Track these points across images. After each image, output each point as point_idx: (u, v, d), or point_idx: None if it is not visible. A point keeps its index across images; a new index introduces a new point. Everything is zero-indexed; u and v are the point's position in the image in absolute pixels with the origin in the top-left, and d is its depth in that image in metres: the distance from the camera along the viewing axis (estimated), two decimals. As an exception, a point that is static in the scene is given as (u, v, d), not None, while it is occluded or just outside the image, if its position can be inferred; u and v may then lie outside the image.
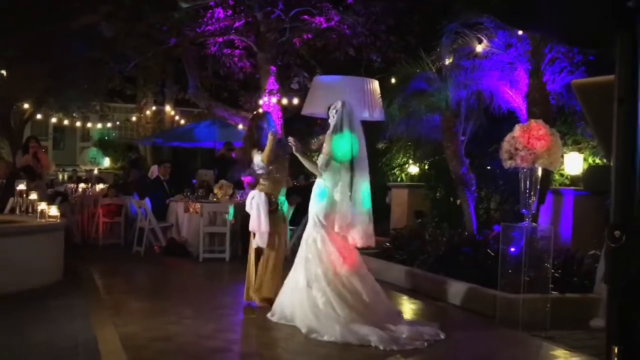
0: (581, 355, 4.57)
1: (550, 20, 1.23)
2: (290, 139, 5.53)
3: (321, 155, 5.34)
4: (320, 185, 5.35)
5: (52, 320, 5.20)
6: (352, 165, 5.29)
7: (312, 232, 5.27)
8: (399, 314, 5.42)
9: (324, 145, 5.34)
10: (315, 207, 5.31)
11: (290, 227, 8.32)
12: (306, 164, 5.56)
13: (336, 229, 5.20)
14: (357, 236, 5.26)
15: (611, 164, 1.10)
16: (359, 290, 5.08)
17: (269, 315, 5.30)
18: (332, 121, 5.39)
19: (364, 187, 5.34)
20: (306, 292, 5.08)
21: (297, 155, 5.55)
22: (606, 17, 1.07)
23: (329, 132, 5.39)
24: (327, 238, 5.20)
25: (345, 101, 5.49)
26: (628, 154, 1.01)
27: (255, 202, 5.83)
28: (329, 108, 5.49)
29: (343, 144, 5.29)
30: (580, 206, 7.38)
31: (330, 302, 4.96)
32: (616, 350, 0.99)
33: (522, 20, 1.26)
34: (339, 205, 5.23)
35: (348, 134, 5.32)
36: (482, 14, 7.10)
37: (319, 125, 12.04)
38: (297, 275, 5.23)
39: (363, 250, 8.24)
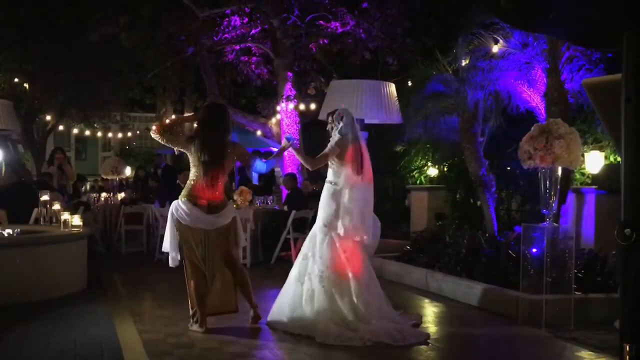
0: (606, 356, 4.52)
1: (557, 20, 1.23)
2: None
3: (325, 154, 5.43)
4: (330, 188, 5.43)
5: (77, 328, 5.27)
6: (358, 172, 5.38)
7: (320, 234, 5.35)
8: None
9: (330, 144, 5.43)
10: (324, 209, 5.39)
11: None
12: (300, 158, 5.65)
13: (341, 232, 5.28)
14: (364, 235, 5.38)
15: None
16: (353, 298, 5.10)
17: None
18: (334, 128, 5.46)
19: (368, 192, 5.46)
20: (294, 285, 5.26)
21: (292, 151, 5.63)
22: (612, 16, 1.08)
23: (334, 135, 5.46)
24: (335, 240, 5.27)
25: (346, 109, 5.58)
26: (637, 151, 1.02)
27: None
28: (328, 115, 5.60)
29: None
30: (602, 205, 7.29)
31: (312, 300, 5.10)
32: (628, 348, 0.99)
33: (530, 22, 1.26)
34: (345, 210, 5.31)
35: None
36: (489, 13, 7.09)
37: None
38: (292, 270, 5.40)
39: (383, 254, 8.29)
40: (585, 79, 1.32)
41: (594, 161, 7.81)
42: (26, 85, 15.28)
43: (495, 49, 7.88)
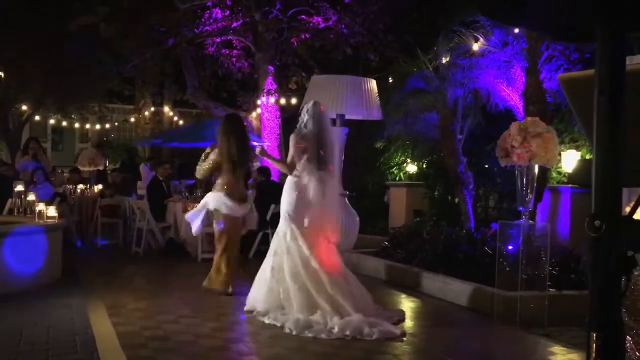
0: (578, 352, 4.58)
1: (534, 13, 1.24)
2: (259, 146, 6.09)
3: (289, 156, 5.57)
4: (291, 180, 5.49)
5: (50, 320, 5.21)
6: (319, 164, 5.43)
7: (282, 227, 5.42)
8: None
9: (289, 145, 5.52)
10: (286, 201, 5.44)
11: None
12: (274, 164, 5.76)
13: (305, 223, 5.36)
14: (330, 233, 5.41)
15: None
16: (327, 289, 5.15)
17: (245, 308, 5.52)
18: (302, 119, 5.56)
19: (333, 187, 5.58)
20: (269, 280, 5.36)
21: (264, 157, 6.08)
22: (585, 8, 1.09)
23: (294, 131, 5.55)
24: (298, 233, 5.31)
25: (318, 102, 5.64)
26: (608, 142, 1.03)
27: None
28: (301, 109, 5.66)
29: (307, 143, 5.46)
30: (577, 203, 7.40)
31: (289, 299, 5.15)
32: (595, 337, 1.01)
33: (508, 14, 1.27)
34: (305, 200, 5.40)
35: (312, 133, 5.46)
36: (469, 10, 7.14)
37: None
38: (264, 266, 5.50)
39: (361, 250, 8.32)
40: (560, 74, 1.34)
41: (571, 160, 7.92)
42: (1, 73, 15.02)
43: (475, 47, 7.94)
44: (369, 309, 5.32)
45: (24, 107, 16.72)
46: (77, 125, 20.32)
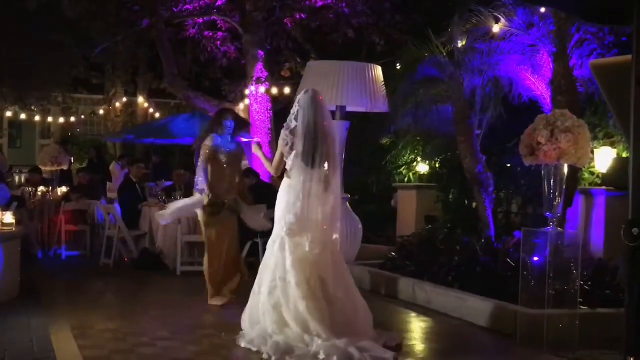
0: (613, 379, 4.60)
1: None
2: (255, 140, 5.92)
3: (276, 155, 5.61)
4: (285, 182, 5.50)
5: (7, 342, 5.20)
6: (312, 162, 5.37)
7: (274, 236, 5.46)
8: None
9: (279, 142, 5.53)
10: (280, 207, 5.46)
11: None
12: (265, 163, 5.86)
13: (285, 232, 5.34)
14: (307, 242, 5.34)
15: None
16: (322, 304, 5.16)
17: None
18: (293, 111, 5.53)
19: (334, 189, 5.52)
20: (256, 296, 5.40)
21: (258, 154, 6.03)
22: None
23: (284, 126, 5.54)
24: (289, 243, 5.31)
25: (311, 89, 5.59)
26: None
27: None
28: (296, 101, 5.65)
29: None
30: (613, 208, 7.39)
31: (277, 315, 5.19)
32: (632, 362, 1.02)
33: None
34: (299, 207, 5.36)
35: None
36: None
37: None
38: (257, 280, 5.53)
39: (365, 261, 8.32)
40: (593, 60, 1.34)
41: (605, 159, 7.92)
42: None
43: (496, 28, 7.95)
44: (366, 330, 5.30)
45: (-24, 98, 16.70)
46: (37, 118, 20.24)
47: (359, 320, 5.32)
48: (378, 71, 8.47)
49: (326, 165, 5.41)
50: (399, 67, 9.27)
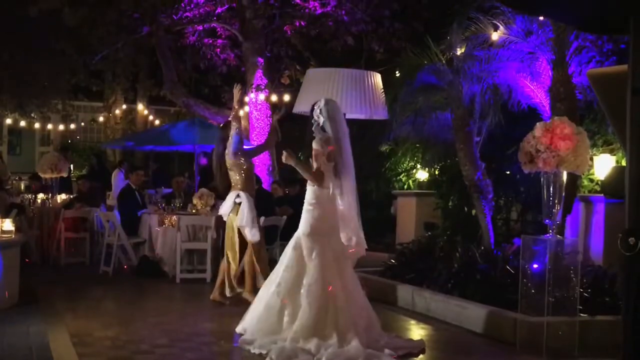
0: (613, 386, 4.60)
1: (560, 2, 1.26)
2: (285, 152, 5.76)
3: (314, 163, 5.58)
4: (314, 191, 5.54)
5: (6, 350, 5.19)
6: (336, 171, 5.53)
7: (307, 243, 5.46)
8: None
9: (316, 148, 5.54)
10: (309, 213, 5.51)
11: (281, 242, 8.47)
12: (304, 173, 5.69)
13: (344, 240, 5.53)
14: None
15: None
16: (337, 313, 5.21)
17: None
18: (318, 122, 5.62)
19: (351, 193, 5.66)
20: (270, 296, 5.43)
21: (292, 164, 5.69)
22: (620, 0, 1.10)
23: (318, 135, 5.60)
24: (325, 249, 5.38)
25: (329, 99, 5.76)
26: (643, 150, 1.04)
27: None
28: (312, 107, 5.70)
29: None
30: (612, 216, 7.40)
31: (293, 316, 5.21)
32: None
33: (532, 3, 1.29)
34: (336, 215, 5.53)
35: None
36: None
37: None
38: (268, 282, 5.62)
39: (364, 269, 8.31)
40: (590, 70, 1.36)
41: (604, 166, 7.93)
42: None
43: (494, 36, 7.96)
44: (375, 336, 5.34)
45: (-24, 105, 16.71)
46: (37, 125, 20.24)
47: (372, 327, 5.43)
48: (377, 78, 8.49)
49: (349, 173, 5.59)
50: (398, 75, 9.29)
